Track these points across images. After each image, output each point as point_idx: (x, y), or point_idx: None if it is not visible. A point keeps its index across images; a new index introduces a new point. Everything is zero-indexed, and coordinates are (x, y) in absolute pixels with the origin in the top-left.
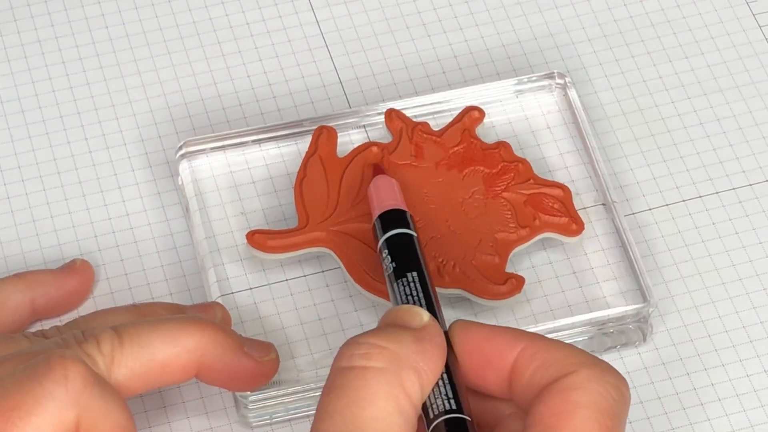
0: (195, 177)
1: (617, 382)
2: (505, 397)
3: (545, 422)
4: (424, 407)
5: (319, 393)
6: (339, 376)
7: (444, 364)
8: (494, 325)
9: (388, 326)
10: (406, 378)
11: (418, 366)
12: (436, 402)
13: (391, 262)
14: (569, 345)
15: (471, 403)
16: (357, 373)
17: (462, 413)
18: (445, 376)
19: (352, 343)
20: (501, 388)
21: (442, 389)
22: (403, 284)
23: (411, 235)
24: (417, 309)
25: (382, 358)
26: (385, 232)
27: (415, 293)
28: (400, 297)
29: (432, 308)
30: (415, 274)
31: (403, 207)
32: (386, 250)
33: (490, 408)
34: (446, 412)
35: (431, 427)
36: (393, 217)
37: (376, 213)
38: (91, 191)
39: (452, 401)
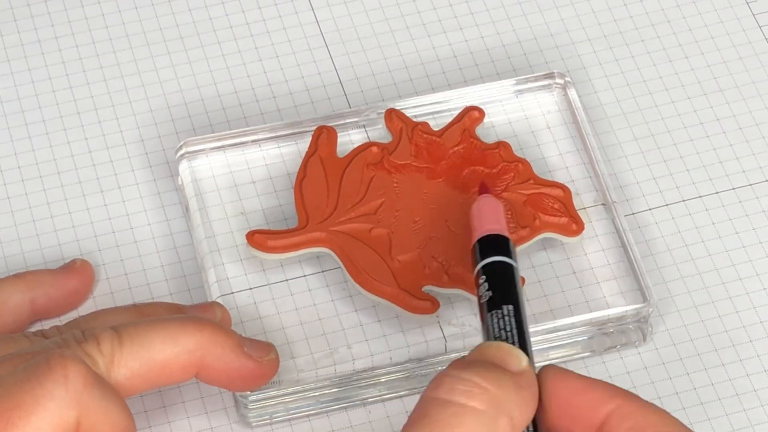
0: (195, 177)
1: None
2: None
3: None
4: None
5: (319, 393)
6: (435, 407)
7: (534, 414)
8: (588, 378)
9: (487, 364)
10: (501, 426)
11: (514, 415)
12: None
13: (488, 290)
14: (664, 410)
15: None
16: (455, 409)
17: None
18: (531, 424)
19: (453, 375)
20: None
21: None
22: (497, 316)
23: (511, 265)
24: (517, 351)
25: (482, 400)
26: (484, 257)
27: (509, 328)
28: (494, 330)
29: (525, 347)
30: (511, 307)
31: (506, 233)
32: (483, 276)
33: None
34: None
35: None
36: (495, 243)
37: (477, 235)
38: (91, 191)
39: None
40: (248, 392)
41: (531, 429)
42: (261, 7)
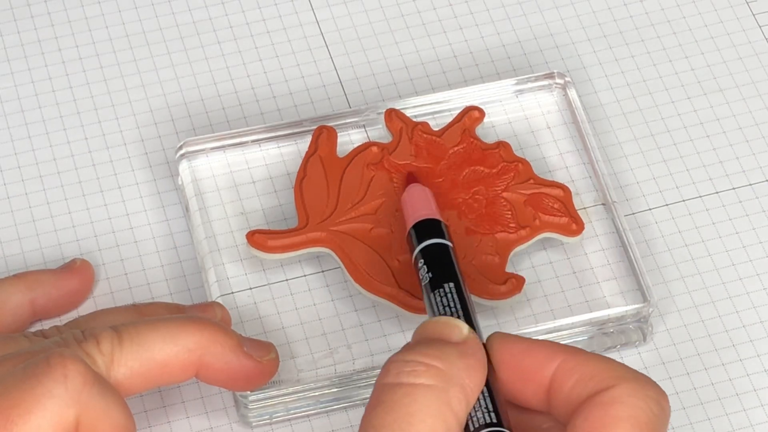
0: (195, 177)
1: (657, 396)
2: (543, 410)
3: None
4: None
5: (319, 393)
6: (386, 392)
7: (485, 378)
8: (532, 339)
9: (429, 341)
10: (454, 396)
11: (464, 383)
12: (476, 415)
13: (427, 272)
14: (609, 358)
15: (509, 416)
16: (405, 389)
17: (502, 426)
18: (485, 388)
19: (398, 360)
20: (539, 402)
21: (482, 402)
22: (440, 295)
23: (447, 245)
24: (456, 321)
25: (430, 376)
26: (420, 241)
27: (452, 304)
28: (438, 308)
29: (470, 319)
30: (452, 284)
31: (438, 216)
32: (422, 260)
33: (528, 421)
34: (487, 425)
35: None
36: (428, 227)
37: (411, 222)
38: (91, 191)
39: (493, 414)
40: (248, 392)
41: (487, 395)
42: (261, 7)
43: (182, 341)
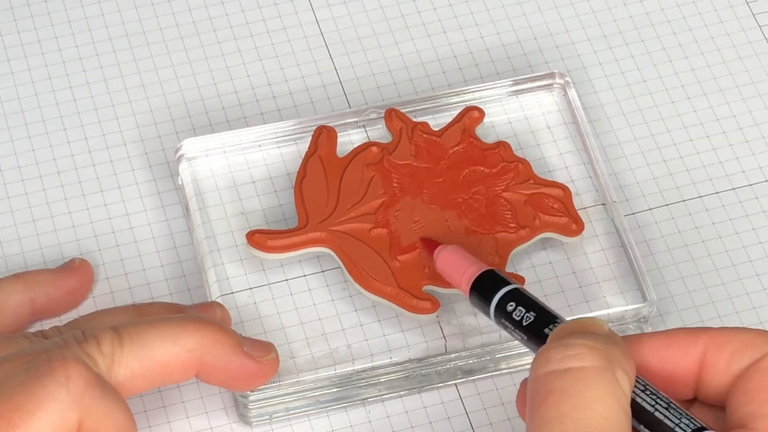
0: (195, 177)
1: None
2: (688, 397)
3: (759, 397)
4: (656, 428)
5: (319, 392)
6: (554, 380)
7: (635, 367)
8: (664, 331)
9: (579, 331)
10: (621, 376)
11: (624, 367)
12: (680, 422)
13: (527, 313)
14: (752, 329)
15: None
16: (575, 374)
17: (706, 427)
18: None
19: (557, 346)
20: (687, 389)
21: (662, 403)
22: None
23: (517, 288)
24: (597, 319)
25: (595, 357)
26: (493, 292)
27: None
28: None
29: None
30: (557, 320)
31: (486, 266)
32: (512, 304)
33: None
34: (696, 430)
35: None
36: (489, 279)
37: (467, 282)
38: (91, 191)
39: (689, 419)
40: (248, 392)
41: (662, 396)
42: (261, 7)
43: (182, 341)
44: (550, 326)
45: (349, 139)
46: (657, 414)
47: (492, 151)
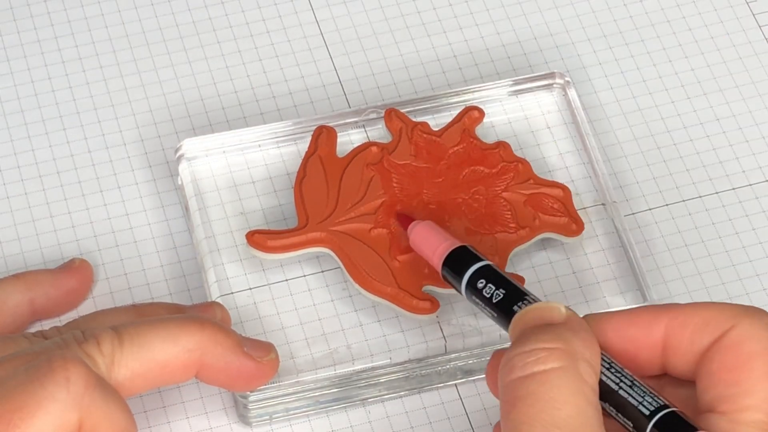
0: (194, 177)
1: None
2: (656, 374)
3: (723, 379)
4: (621, 407)
5: (319, 393)
6: (520, 387)
7: (600, 349)
8: (628, 309)
9: (536, 328)
10: (584, 370)
11: (587, 357)
12: (643, 401)
13: (497, 290)
14: (714, 303)
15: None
16: (539, 378)
17: (671, 406)
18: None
19: (518, 353)
20: (653, 366)
21: (626, 381)
22: (524, 304)
23: (489, 264)
24: (552, 304)
25: (556, 358)
26: (464, 269)
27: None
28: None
29: None
30: (527, 298)
31: (459, 242)
32: (482, 281)
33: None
34: (657, 408)
35: (650, 426)
36: (460, 255)
37: (439, 258)
38: (91, 191)
39: (653, 396)
40: (248, 392)
41: (626, 374)
42: (261, 7)
43: (182, 341)
44: (519, 304)
45: (349, 139)
46: (621, 393)
47: (492, 151)
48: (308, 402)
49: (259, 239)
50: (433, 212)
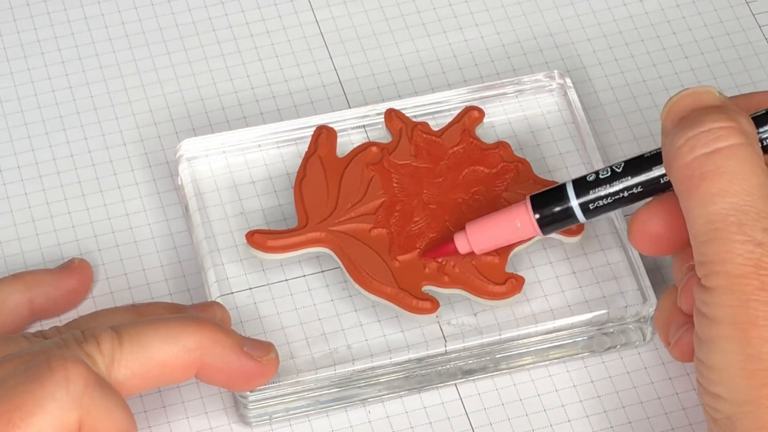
0: (194, 177)
1: None
2: None
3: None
4: None
5: (319, 393)
6: (705, 162)
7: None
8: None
9: (702, 110)
10: (757, 148)
11: (754, 135)
12: None
13: (606, 170)
14: None
15: None
16: (724, 152)
17: None
18: None
19: (696, 133)
20: None
21: None
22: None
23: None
24: (706, 87)
25: (736, 135)
26: (559, 195)
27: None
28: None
29: None
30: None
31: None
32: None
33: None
34: None
35: None
36: (540, 201)
37: (533, 227)
38: (91, 191)
39: None
40: (248, 392)
41: None
42: (261, 7)
43: (182, 341)
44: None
45: (349, 139)
46: None
47: (492, 151)
48: (308, 402)
49: (259, 239)
50: (433, 212)
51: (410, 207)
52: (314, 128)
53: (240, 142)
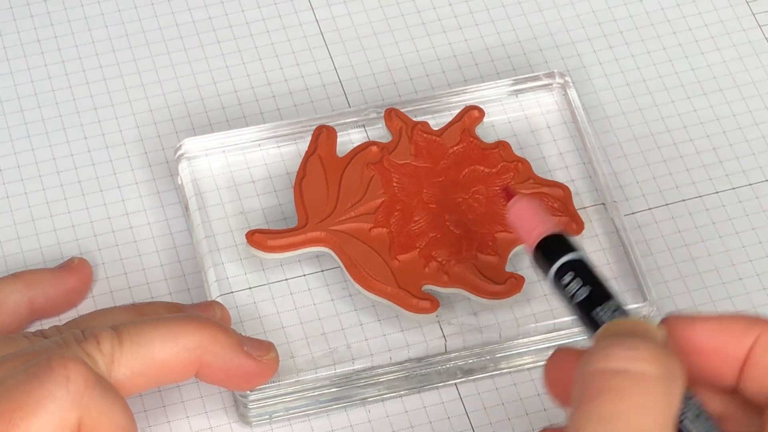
0: (194, 176)
1: None
2: (724, 386)
3: None
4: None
5: (319, 392)
6: (611, 379)
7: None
8: (717, 314)
9: (635, 334)
10: (676, 394)
11: (680, 382)
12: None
13: (582, 287)
14: None
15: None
16: (635, 377)
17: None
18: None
19: (618, 344)
20: (726, 378)
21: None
22: (609, 308)
23: (583, 261)
24: (653, 325)
25: (657, 365)
26: (554, 257)
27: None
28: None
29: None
30: (614, 300)
31: (558, 229)
32: (571, 274)
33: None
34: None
35: None
36: (556, 243)
37: (533, 240)
38: (91, 190)
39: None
40: (248, 392)
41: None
42: (260, 7)
43: (182, 341)
44: (597, 309)
45: (349, 139)
46: (686, 422)
47: (492, 150)
48: (308, 401)
49: (259, 239)
50: (433, 212)
51: (410, 206)
52: (314, 128)
53: (240, 142)
